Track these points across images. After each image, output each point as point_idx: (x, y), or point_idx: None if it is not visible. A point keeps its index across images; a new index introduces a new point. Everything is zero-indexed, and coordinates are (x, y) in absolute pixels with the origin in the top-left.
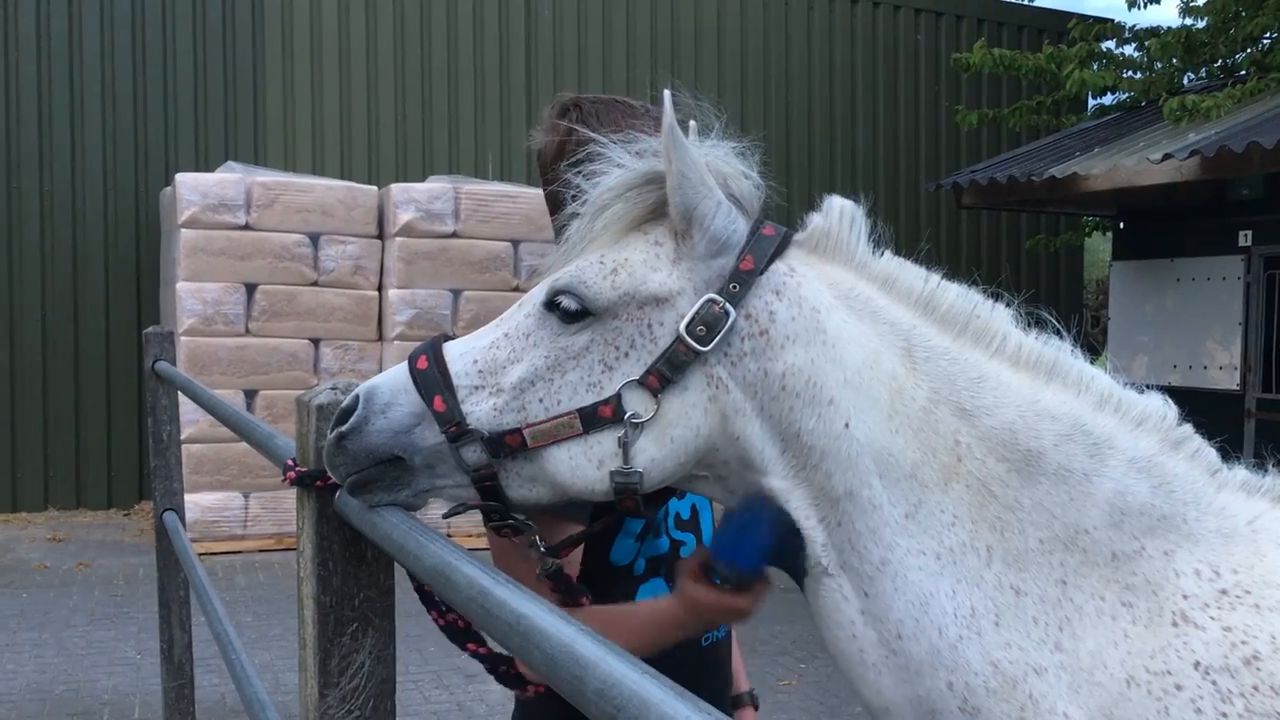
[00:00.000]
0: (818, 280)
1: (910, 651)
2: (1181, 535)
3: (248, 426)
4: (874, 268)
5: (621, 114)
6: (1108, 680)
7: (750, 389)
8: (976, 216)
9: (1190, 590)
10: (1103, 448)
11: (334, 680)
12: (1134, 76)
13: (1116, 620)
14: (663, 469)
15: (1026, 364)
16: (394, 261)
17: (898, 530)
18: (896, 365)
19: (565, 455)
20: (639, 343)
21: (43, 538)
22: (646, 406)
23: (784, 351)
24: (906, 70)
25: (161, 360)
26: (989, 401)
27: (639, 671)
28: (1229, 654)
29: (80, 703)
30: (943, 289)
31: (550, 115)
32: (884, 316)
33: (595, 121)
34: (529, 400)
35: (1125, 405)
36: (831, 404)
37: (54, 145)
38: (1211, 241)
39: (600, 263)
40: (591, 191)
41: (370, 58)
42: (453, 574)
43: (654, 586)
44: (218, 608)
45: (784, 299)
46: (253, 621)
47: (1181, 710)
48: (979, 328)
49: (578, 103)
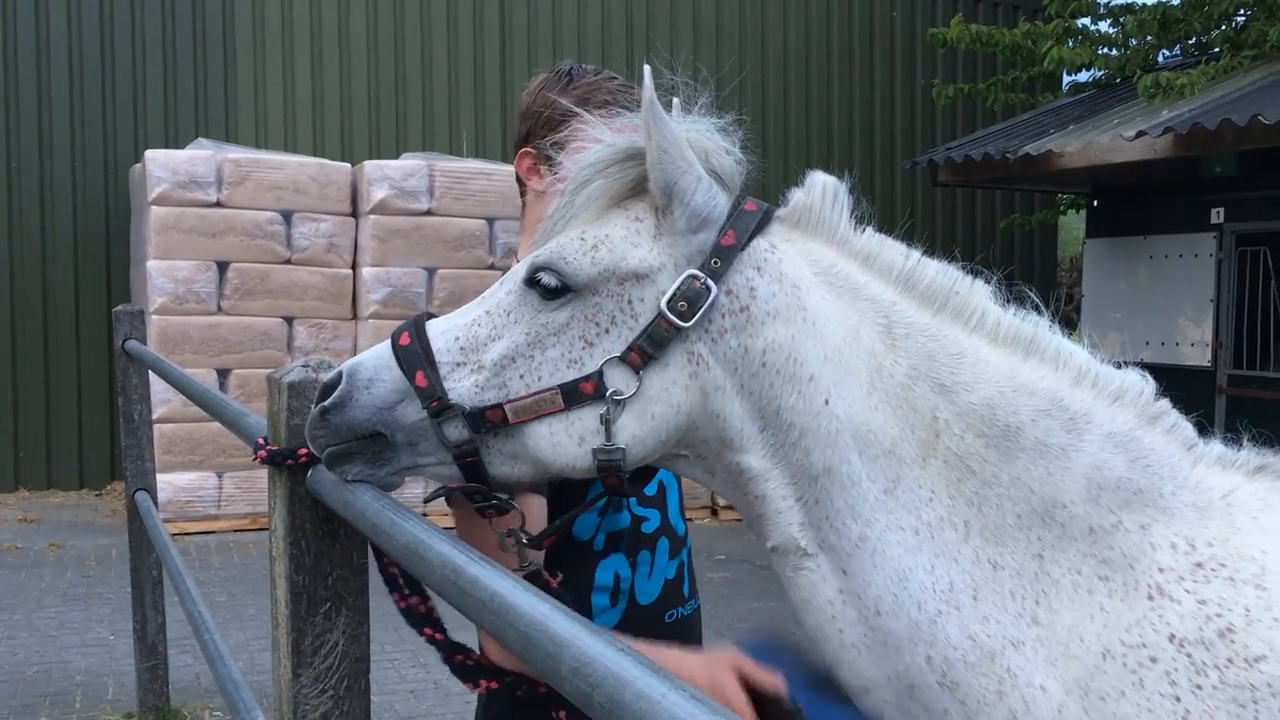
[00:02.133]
0: (799, 256)
1: (889, 628)
2: (1158, 509)
3: (219, 405)
4: (855, 244)
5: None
6: (1083, 653)
7: (730, 366)
8: (952, 194)
9: (1166, 564)
10: (1080, 422)
11: (308, 660)
12: (1109, 54)
13: (1093, 594)
14: (644, 446)
15: (1005, 340)
16: (368, 239)
17: (876, 506)
18: (876, 342)
19: (547, 431)
20: (620, 319)
21: (13, 519)
22: (628, 383)
23: (764, 328)
24: (882, 47)
25: (132, 339)
26: (968, 377)
27: (614, 649)
28: (1204, 626)
29: (53, 683)
30: (922, 266)
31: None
32: (864, 293)
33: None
34: (510, 377)
35: (1102, 380)
36: (811, 380)
37: (20, 123)
38: (1184, 219)
39: (581, 239)
40: (572, 167)
41: (343, 32)
42: (426, 552)
43: (613, 563)
44: (191, 588)
45: (765, 275)
46: (227, 601)
47: (1156, 682)
48: (958, 304)
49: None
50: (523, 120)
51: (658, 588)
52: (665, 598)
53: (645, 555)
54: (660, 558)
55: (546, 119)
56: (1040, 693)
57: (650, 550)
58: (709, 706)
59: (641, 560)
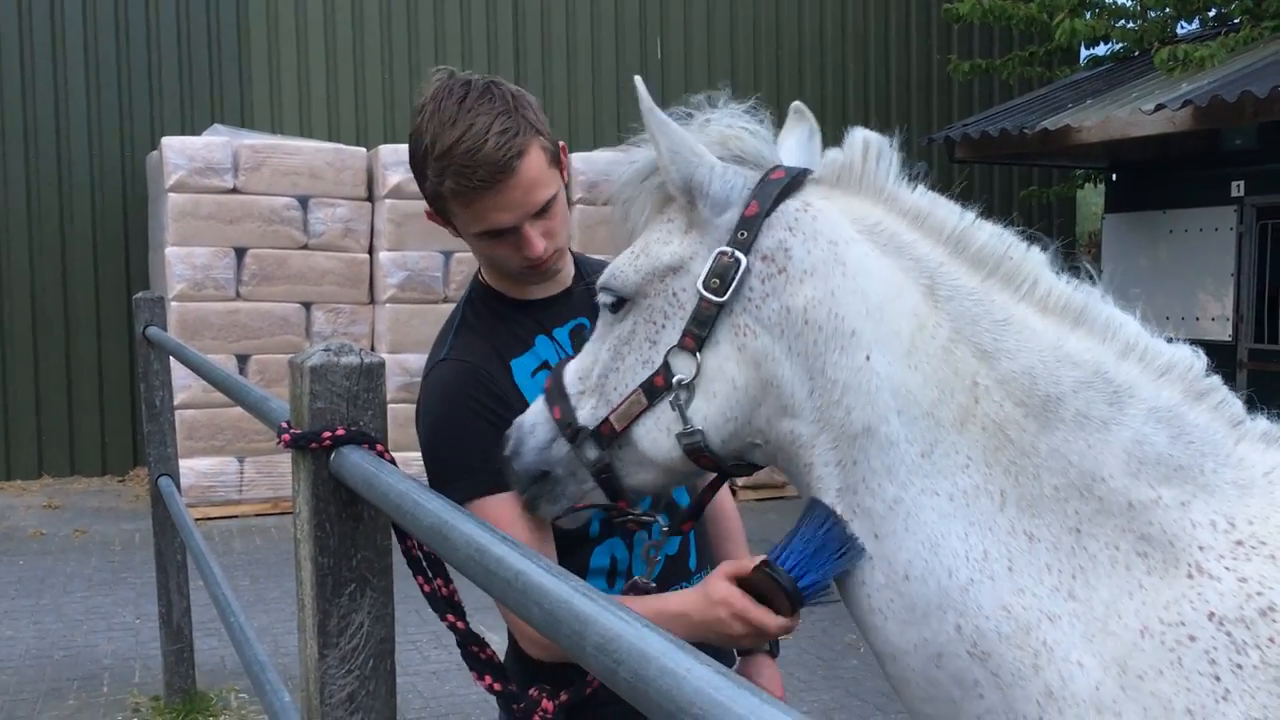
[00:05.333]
0: (838, 214)
1: (918, 593)
2: (1198, 486)
3: (241, 390)
4: (904, 202)
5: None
6: (1121, 630)
7: (777, 329)
8: (969, 170)
9: (1206, 541)
10: (1123, 396)
11: (333, 641)
12: (1126, 26)
13: (1131, 570)
14: (717, 426)
15: (1054, 309)
16: (384, 224)
17: (913, 469)
18: (919, 301)
19: (644, 431)
20: (670, 312)
21: (38, 505)
22: (689, 367)
23: (803, 286)
24: (898, 22)
25: (152, 325)
26: (1011, 345)
27: (639, 625)
28: (1244, 605)
29: (81, 667)
30: (976, 228)
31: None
32: (910, 252)
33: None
34: (608, 389)
35: (1150, 354)
36: (854, 335)
37: (38, 112)
38: (1204, 192)
39: (629, 253)
40: (610, 193)
41: (356, 16)
42: (450, 532)
43: (609, 546)
44: (215, 572)
45: (798, 234)
46: (250, 585)
47: (1195, 661)
48: (1010, 269)
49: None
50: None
51: (659, 565)
52: (667, 574)
53: (642, 535)
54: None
55: (426, 195)
56: (1078, 668)
57: (647, 531)
58: (733, 680)
59: (639, 541)
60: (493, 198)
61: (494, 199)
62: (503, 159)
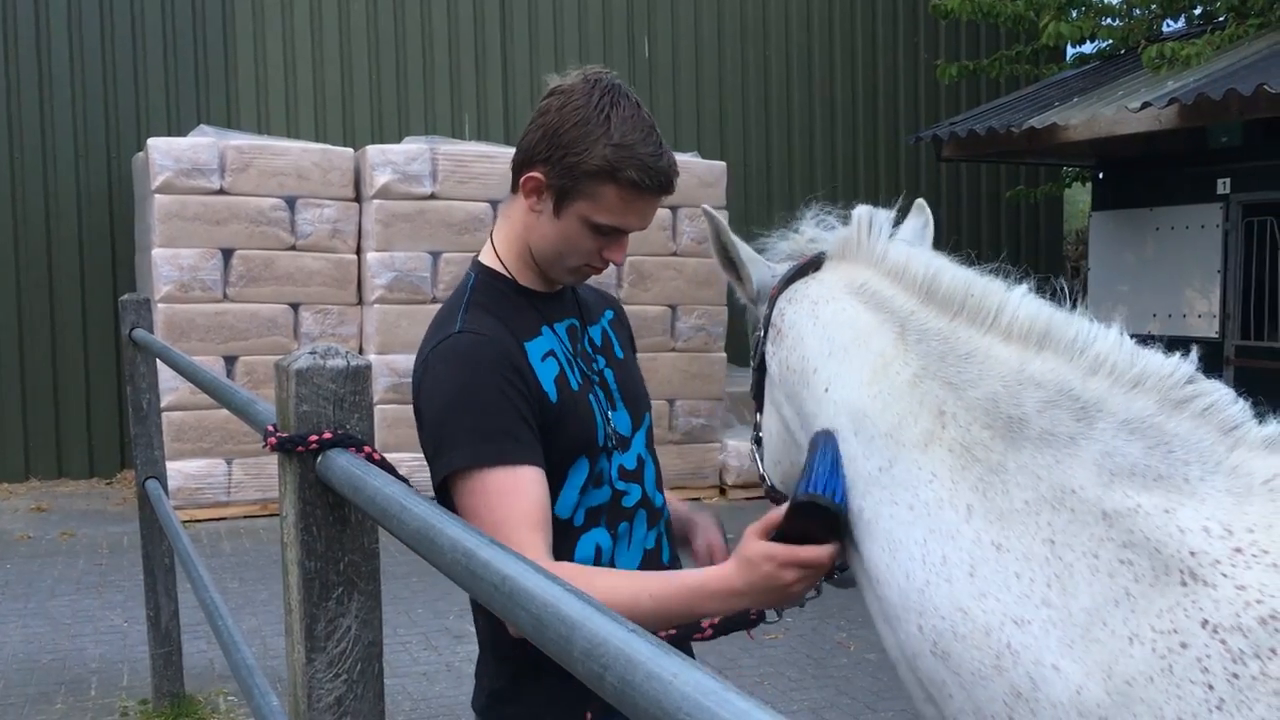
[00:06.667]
0: (835, 280)
1: (885, 596)
2: (1183, 494)
3: (227, 393)
4: (889, 262)
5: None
6: (1107, 637)
7: (779, 380)
8: (957, 169)
9: (1198, 547)
10: (1091, 411)
11: (321, 645)
12: (1113, 24)
13: (1115, 578)
14: (770, 470)
15: (1018, 336)
16: (372, 224)
17: (871, 481)
18: (887, 344)
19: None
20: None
21: (25, 508)
22: (761, 426)
23: (788, 339)
24: (885, 20)
25: (139, 328)
26: (973, 375)
27: (626, 629)
28: (1241, 613)
29: (68, 671)
30: (939, 275)
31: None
32: (887, 305)
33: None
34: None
35: (1121, 367)
36: (816, 372)
37: (23, 112)
38: (1190, 190)
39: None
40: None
41: (343, 16)
42: (436, 536)
43: (594, 536)
44: (203, 575)
45: (793, 302)
46: (239, 588)
47: (1186, 669)
48: (974, 306)
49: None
50: (543, 135)
51: (638, 557)
52: (645, 566)
53: (625, 527)
54: (639, 529)
55: (572, 165)
56: (1053, 672)
57: (630, 522)
58: (722, 684)
59: (622, 532)
60: (644, 204)
61: (644, 205)
62: (670, 178)
